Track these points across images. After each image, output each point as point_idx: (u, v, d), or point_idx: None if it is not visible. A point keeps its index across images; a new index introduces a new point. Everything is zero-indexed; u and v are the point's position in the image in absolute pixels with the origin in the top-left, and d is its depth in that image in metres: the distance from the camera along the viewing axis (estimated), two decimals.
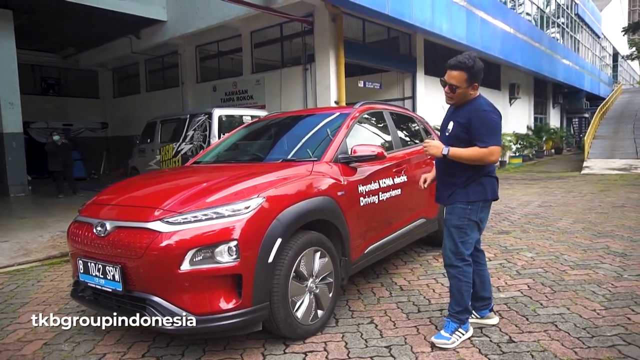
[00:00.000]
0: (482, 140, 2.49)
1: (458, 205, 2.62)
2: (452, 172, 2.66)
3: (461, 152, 2.54)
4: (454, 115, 2.68)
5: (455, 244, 2.63)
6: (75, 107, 17.35)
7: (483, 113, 2.53)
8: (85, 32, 13.39)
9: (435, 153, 2.61)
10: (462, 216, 2.62)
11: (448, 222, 2.67)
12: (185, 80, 14.25)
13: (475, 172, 2.61)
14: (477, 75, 2.56)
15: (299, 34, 11.16)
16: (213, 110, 8.49)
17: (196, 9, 11.30)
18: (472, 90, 2.59)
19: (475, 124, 2.52)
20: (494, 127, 2.52)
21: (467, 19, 12.89)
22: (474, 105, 2.58)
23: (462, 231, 2.62)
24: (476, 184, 2.62)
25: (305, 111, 4.40)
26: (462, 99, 2.62)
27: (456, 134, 2.62)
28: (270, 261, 2.47)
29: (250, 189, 2.60)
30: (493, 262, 4.23)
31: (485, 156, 2.49)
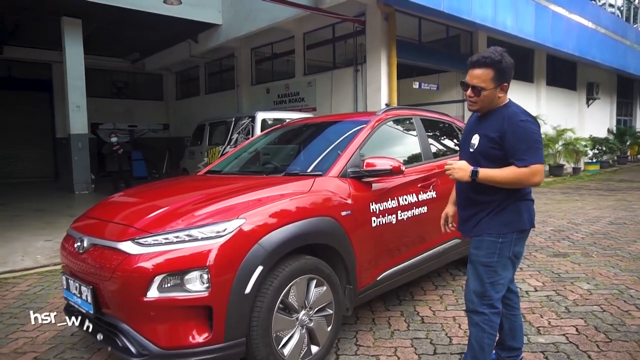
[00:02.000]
0: (520, 158, 2.01)
1: (486, 238, 2.15)
2: (479, 195, 2.18)
3: (495, 173, 2.05)
4: (480, 126, 2.19)
5: (483, 286, 2.15)
6: (141, 109, 18.24)
7: (520, 124, 2.04)
8: (148, 38, 13.96)
9: (462, 177, 2.09)
10: (491, 251, 2.14)
11: (474, 258, 2.20)
12: (240, 83, 14.43)
13: (508, 196, 2.13)
14: (507, 73, 2.10)
15: (351, 35, 10.82)
16: (256, 114, 8.42)
17: (248, 12, 11.33)
18: (500, 92, 2.12)
19: (511, 138, 2.04)
20: (534, 141, 2.04)
21: (537, 13, 11.82)
22: (507, 114, 2.09)
23: (492, 270, 2.14)
24: (510, 210, 2.13)
25: (325, 118, 4.06)
26: (488, 104, 2.15)
27: (485, 151, 2.12)
28: (248, 292, 2.17)
29: (231, 209, 2.32)
30: (538, 294, 3.64)
31: (526, 178, 2.02)
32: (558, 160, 14.67)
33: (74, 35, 11.33)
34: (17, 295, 4.00)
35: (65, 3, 10.03)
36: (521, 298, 3.50)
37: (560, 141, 14.34)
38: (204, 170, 3.75)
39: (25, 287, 4.25)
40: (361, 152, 3.08)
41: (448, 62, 11.83)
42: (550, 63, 15.07)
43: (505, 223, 2.13)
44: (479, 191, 2.17)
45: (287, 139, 3.81)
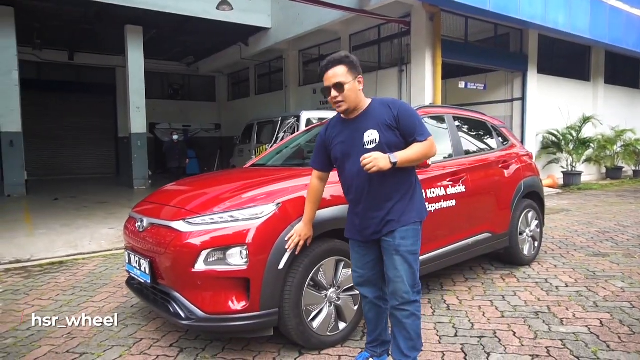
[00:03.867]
0: (420, 133, 2.15)
1: (411, 226, 2.19)
2: (396, 186, 2.18)
3: (409, 153, 2.11)
4: (360, 123, 2.19)
5: (414, 274, 2.18)
6: (195, 109, 19.21)
7: (404, 105, 2.23)
8: (202, 42, 14.75)
9: (385, 165, 2.03)
10: (416, 238, 2.21)
11: (402, 249, 2.16)
12: (288, 84, 14.89)
13: (412, 184, 2.25)
14: (357, 65, 2.20)
15: (396, 35, 10.94)
16: (301, 113, 8.77)
17: (297, 15, 11.72)
18: (360, 85, 2.21)
19: (405, 119, 2.15)
20: (419, 117, 2.23)
21: (592, 8, 11.36)
22: (385, 103, 2.21)
23: (417, 256, 2.22)
24: (419, 197, 2.28)
25: None
26: (355, 100, 2.18)
27: (389, 140, 2.14)
28: (281, 267, 2.46)
29: (268, 194, 2.62)
30: (569, 289, 3.68)
31: (429, 149, 2.16)
32: (616, 163, 14.00)
33: (135, 41, 12.23)
34: (86, 273, 4.53)
35: (128, 12, 10.87)
36: (549, 292, 3.60)
37: (618, 142, 13.69)
38: (249, 164, 4.09)
39: (93, 267, 4.78)
40: None
41: (496, 61, 11.65)
42: (609, 60, 14.39)
43: (420, 209, 2.25)
44: (396, 189, 2.19)
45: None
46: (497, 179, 4.02)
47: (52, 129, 16.53)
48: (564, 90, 13.07)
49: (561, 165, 12.51)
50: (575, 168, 12.41)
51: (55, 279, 4.33)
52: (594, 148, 12.96)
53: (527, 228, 4.38)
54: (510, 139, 4.57)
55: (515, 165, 4.30)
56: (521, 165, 4.37)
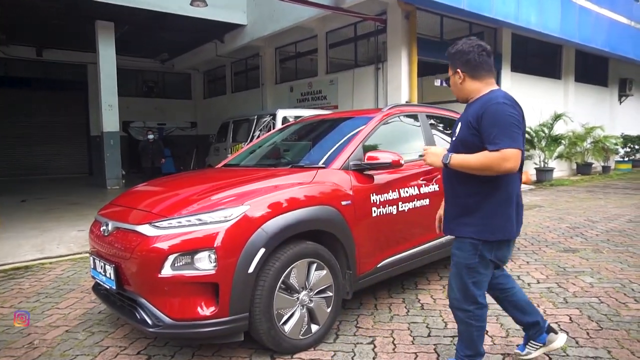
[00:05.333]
0: (492, 141, 1.92)
1: (467, 240, 2.09)
2: (459, 191, 2.12)
3: (465, 158, 2.00)
4: (465, 114, 2.17)
5: (466, 285, 2.11)
6: (170, 107, 18.86)
7: (494, 106, 1.97)
8: (177, 39, 14.45)
9: (434, 162, 2.10)
10: (472, 254, 2.08)
11: (456, 259, 2.14)
12: (265, 82, 14.76)
13: (491, 196, 2.03)
14: (455, 59, 2.15)
15: (372, 33, 10.96)
16: (277, 111, 8.69)
17: (272, 12, 11.61)
18: (459, 79, 2.14)
19: (485, 121, 1.97)
20: (509, 124, 1.93)
21: (562, 8, 11.61)
22: (486, 99, 2.05)
23: (474, 271, 2.09)
24: (493, 214, 2.04)
25: (333, 115, 4.27)
26: (458, 91, 2.19)
27: (464, 138, 2.08)
28: (251, 271, 2.40)
29: (237, 196, 2.56)
30: (540, 286, 3.73)
31: (496, 163, 1.90)
32: (586, 159, 14.36)
33: (106, 37, 11.91)
34: (52, 278, 4.37)
35: (99, 7, 10.55)
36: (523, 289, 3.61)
37: (588, 139, 14.04)
38: (221, 164, 4.01)
39: (60, 271, 4.62)
40: (366, 146, 3.27)
41: None
42: (580, 59, 14.73)
43: (487, 229, 2.04)
44: (460, 184, 2.11)
45: (297, 135, 4.03)
46: None
47: (21, 128, 15.98)
48: (537, 88, 13.33)
49: (534, 161, 12.77)
50: (547, 164, 12.69)
51: (19, 284, 4.16)
52: (565, 145, 13.26)
53: None
54: None
55: None
56: None
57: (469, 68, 2.11)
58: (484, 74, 2.11)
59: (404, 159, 3.07)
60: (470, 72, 2.11)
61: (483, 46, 2.11)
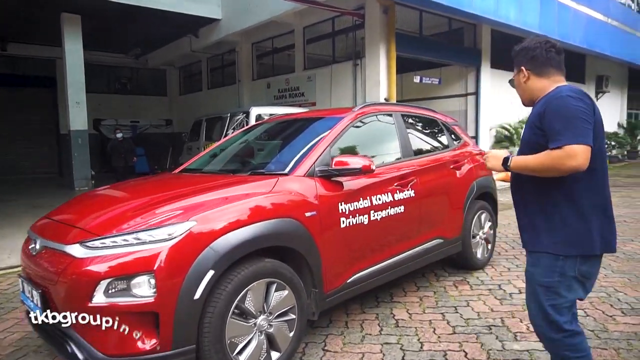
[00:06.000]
0: (555, 138, 1.69)
1: (544, 255, 1.84)
2: (529, 198, 1.90)
3: (527, 159, 1.79)
4: (530, 115, 1.94)
5: (544, 309, 1.83)
6: (144, 104, 18.24)
7: (557, 100, 1.75)
8: (149, 33, 13.88)
9: (494, 166, 1.90)
10: (551, 270, 1.81)
11: (530, 277, 1.91)
12: (241, 78, 14.35)
13: (569, 202, 1.78)
14: (521, 56, 1.95)
15: (350, 29, 10.67)
16: (250, 109, 8.36)
17: (247, 6, 11.22)
18: (523, 77, 1.94)
19: (547, 117, 1.75)
20: (573, 118, 1.68)
21: (541, 4, 11.51)
22: (550, 95, 1.83)
23: (553, 291, 1.81)
24: (573, 224, 1.78)
25: (303, 114, 3.97)
26: (522, 93, 2.00)
27: (527, 139, 1.88)
28: (197, 297, 2.09)
29: (183, 210, 2.23)
30: (522, 296, 3.48)
31: (559, 161, 1.66)
32: None
33: (73, 31, 11.31)
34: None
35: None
36: (503, 301, 3.40)
37: None
38: (179, 169, 3.66)
39: (6, 285, 4.22)
40: (337, 149, 2.99)
41: (450, 56, 11.62)
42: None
43: (567, 241, 1.78)
44: (528, 201, 1.90)
45: (261, 137, 3.71)
46: (448, 181, 3.79)
47: None
48: None
49: None
50: None
51: None
52: None
53: (480, 231, 4.20)
54: (463, 137, 4.37)
55: (467, 165, 4.10)
56: (473, 165, 4.17)
57: (535, 65, 1.92)
58: (551, 71, 1.91)
59: (375, 164, 2.78)
60: (535, 70, 1.92)
61: (552, 42, 1.93)
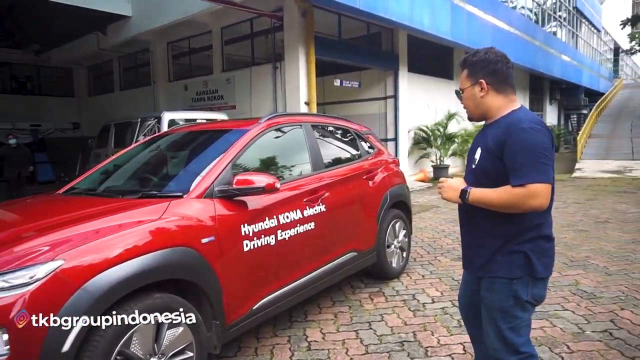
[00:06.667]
0: (516, 175, 1.65)
1: (498, 280, 1.80)
2: (483, 226, 1.82)
3: (487, 194, 1.71)
4: (482, 136, 1.85)
5: (501, 332, 1.80)
6: (48, 106, 16.67)
7: (519, 132, 1.66)
8: (48, 28, 12.68)
9: (451, 197, 1.80)
10: (506, 295, 1.78)
11: (487, 302, 1.84)
12: (157, 79, 13.58)
13: (517, 233, 1.75)
14: (479, 67, 1.80)
15: (269, 31, 10.46)
16: (162, 114, 7.86)
17: (160, 4, 10.61)
18: (481, 91, 1.80)
19: (510, 150, 1.67)
20: (536, 154, 1.64)
21: (452, 12, 12.11)
22: (510, 121, 1.73)
23: (509, 315, 1.79)
24: (519, 251, 1.76)
25: (205, 126, 3.71)
26: (475, 107, 1.85)
27: (485, 167, 1.77)
28: (67, 350, 1.79)
29: (51, 246, 1.91)
30: (435, 306, 3.53)
31: (522, 200, 1.64)
32: None
33: None
34: None
35: None
36: (416, 312, 3.40)
37: None
38: (65, 188, 3.24)
39: None
40: (240, 165, 2.79)
41: (369, 60, 11.83)
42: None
43: (519, 265, 1.76)
44: (482, 229, 1.83)
45: (160, 152, 3.38)
46: (361, 192, 3.73)
47: None
48: (432, 88, 13.85)
49: (431, 159, 13.25)
50: (443, 162, 13.23)
51: None
52: (458, 142, 13.94)
53: (395, 240, 4.20)
54: (377, 146, 4.35)
55: (381, 174, 4.08)
56: (387, 174, 4.16)
57: (496, 80, 1.80)
58: (508, 89, 1.82)
59: (281, 181, 2.62)
60: (495, 85, 1.80)
61: (508, 58, 1.85)
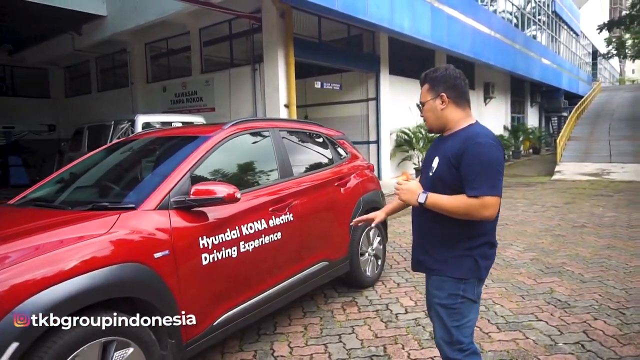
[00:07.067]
0: (472, 186, 1.77)
1: (447, 280, 1.91)
2: (436, 231, 1.94)
3: (443, 200, 1.83)
4: (440, 146, 1.96)
5: (448, 330, 1.93)
6: (23, 107, 16.17)
7: (475, 146, 1.79)
8: (20, 28, 12.33)
9: (408, 199, 1.90)
10: (454, 293, 1.91)
11: (436, 300, 1.96)
12: (134, 80, 13.31)
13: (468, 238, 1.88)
14: (440, 82, 1.91)
15: (248, 32, 10.32)
16: (136, 117, 7.65)
17: (135, 4, 10.38)
18: (442, 104, 1.90)
19: (467, 162, 1.79)
20: (491, 168, 1.77)
21: (432, 15, 12.11)
22: (468, 134, 1.86)
23: (456, 312, 1.91)
24: (471, 249, 1.89)
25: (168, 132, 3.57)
26: (435, 120, 1.95)
27: (443, 175, 1.88)
28: None
29: None
30: (407, 317, 3.43)
31: (475, 210, 1.76)
32: None
33: None
34: None
35: None
36: (388, 324, 3.30)
37: None
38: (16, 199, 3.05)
39: None
40: (201, 174, 2.65)
41: (350, 62, 11.76)
42: (451, 63, 15.42)
43: (468, 267, 1.88)
44: (435, 233, 1.94)
45: (119, 159, 3.22)
46: (332, 200, 3.62)
47: None
48: (413, 90, 13.73)
49: (413, 162, 13.22)
50: None
51: None
52: None
53: (369, 247, 4.10)
54: (350, 151, 4.25)
55: (354, 180, 3.97)
56: (360, 180, 4.06)
57: (455, 94, 1.92)
58: (465, 104, 1.95)
59: (242, 190, 2.49)
60: (455, 99, 1.92)
61: (464, 76, 1.97)
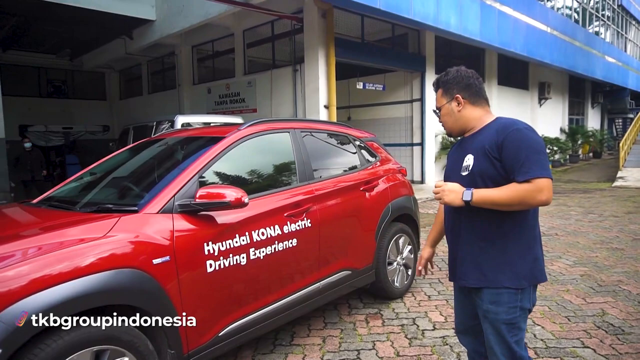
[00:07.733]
0: (521, 171, 1.63)
1: (505, 291, 1.74)
2: (484, 232, 1.77)
3: (492, 193, 1.68)
4: (468, 147, 1.84)
5: (510, 348, 1.76)
6: (82, 109, 17.12)
7: (515, 133, 1.69)
8: (78, 34, 12.98)
9: (453, 200, 1.73)
10: (513, 306, 1.74)
11: (492, 317, 1.77)
12: (181, 82, 13.70)
13: (517, 234, 1.74)
14: (452, 84, 1.87)
15: (290, 33, 10.29)
16: (176, 118, 7.79)
17: (181, 7, 10.61)
18: (458, 106, 1.86)
19: (507, 150, 1.68)
20: (535, 151, 1.65)
21: (482, 12, 11.54)
22: (498, 126, 1.76)
23: (515, 327, 1.76)
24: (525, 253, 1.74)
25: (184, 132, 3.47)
26: (454, 122, 1.90)
27: (484, 170, 1.73)
28: None
29: None
30: (435, 334, 3.16)
31: (530, 195, 1.62)
32: None
33: None
34: None
35: None
36: (412, 341, 3.06)
37: None
38: (43, 196, 3.09)
39: None
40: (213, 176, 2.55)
41: (394, 62, 11.44)
42: (502, 62, 14.94)
43: (522, 274, 1.74)
44: (483, 235, 1.78)
45: (136, 159, 3.18)
46: (356, 205, 3.41)
47: None
48: None
49: None
50: None
51: None
52: None
53: (398, 256, 3.85)
54: (380, 154, 4.02)
55: (383, 184, 3.75)
56: (390, 185, 3.83)
57: (471, 93, 1.87)
58: (483, 102, 1.89)
59: (247, 197, 2.34)
60: (471, 98, 1.87)
61: (478, 74, 1.93)
